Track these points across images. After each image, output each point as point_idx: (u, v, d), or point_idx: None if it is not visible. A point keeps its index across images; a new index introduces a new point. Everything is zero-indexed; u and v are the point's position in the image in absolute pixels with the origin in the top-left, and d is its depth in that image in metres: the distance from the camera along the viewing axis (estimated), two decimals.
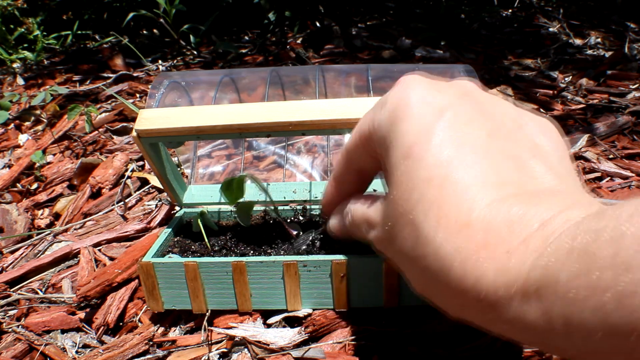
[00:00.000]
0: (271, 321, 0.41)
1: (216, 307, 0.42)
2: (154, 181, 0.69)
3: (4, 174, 0.77)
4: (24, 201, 0.71)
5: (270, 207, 0.50)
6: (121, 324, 0.45)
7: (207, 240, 0.45)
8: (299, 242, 0.44)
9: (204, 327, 0.41)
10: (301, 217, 0.49)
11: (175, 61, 1.29)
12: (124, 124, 0.89)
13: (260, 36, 1.44)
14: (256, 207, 0.51)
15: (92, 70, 1.26)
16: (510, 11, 1.67)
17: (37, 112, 1.00)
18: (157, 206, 0.63)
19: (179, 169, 0.62)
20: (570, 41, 1.36)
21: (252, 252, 0.44)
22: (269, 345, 0.38)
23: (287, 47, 1.32)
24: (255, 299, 0.41)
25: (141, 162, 0.76)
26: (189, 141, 0.55)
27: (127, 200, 0.66)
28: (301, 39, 1.38)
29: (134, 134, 0.40)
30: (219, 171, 0.69)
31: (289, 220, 0.49)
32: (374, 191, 0.47)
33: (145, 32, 1.53)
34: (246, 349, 0.39)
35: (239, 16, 1.46)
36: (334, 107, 0.38)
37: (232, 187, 0.43)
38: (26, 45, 1.40)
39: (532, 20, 1.57)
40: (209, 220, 0.48)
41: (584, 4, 1.68)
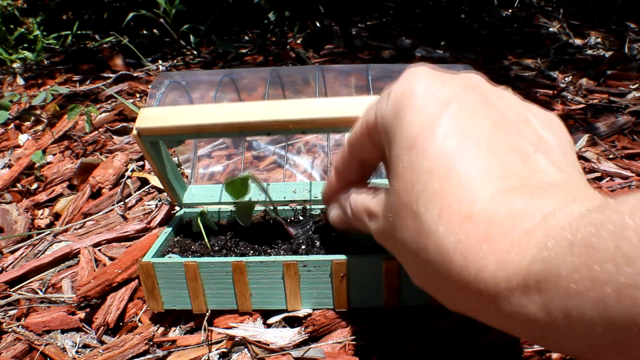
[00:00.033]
0: (271, 321, 0.41)
1: (216, 307, 0.42)
2: (154, 181, 0.69)
3: (4, 174, 0.77)
4: (24, 201, 0.71)
5: (270, 207, 0.50)
6: (121, 324, 0.45)
7: (207, 240, 0.45)
8: (299, 231, 0.44)
9: (204, 327, 0.41)
10: (301, 217, 0.49)
11: (175, 61, 1.29)
12: (124, 124, 0.89)
13: (260, 36, 1.44)
14: (256, 207, 0.51)
15: (92, 70, 1.26)
16: (510, 11, 1.67)
17: (37, 112, 1.00)
18: (157, 206, 0.63)
19: (179, 169, 0.62)
20: (570, 41, 1.36)
21: (252, 252, 0.44)
22: (269, 345, 0.38)
23: (287, 47, 1.32)
24: (255, 299, 0.41)
25: (141, 162, 0.76)
26: (189, 140, 0.55)
27: (127, 200, 0.66)
28: (301, 39, 1.38)
29: (135, 132, 0.40)
30: (219, 171, 0.69)
31: (289, 220, 0.49)
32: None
33: (145, 32, 1.53)
34: (246, 349, 0.39)
35: (239, 16, 1.47)
36: (334, 105, 0.38)
37: (236, 184, 0.43)
38: (26, 45, 1.40)
39: (532, 20, 1.57)
40: (209, 220, 0.48)
41: (584, 4, 1.68)
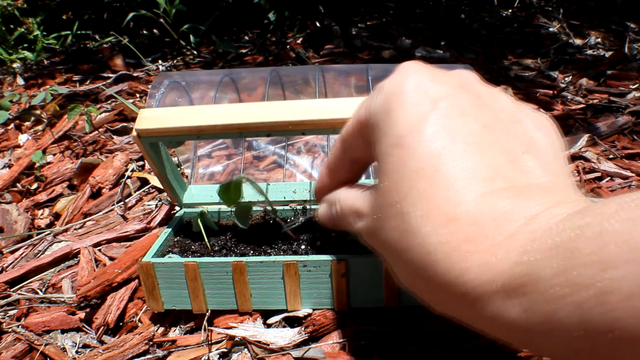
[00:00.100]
0: (271, 321, 0.41)
1: (216, 307, 0.42)
2: (154, 181, 0.69)
3: (4, 174, 0.77)
4: (24, 201, 0.71)
5: (269, 207, 0.50)
6: (121, 324, 0.45)
7: (207, 240, 0.45)
8: (288, 225, 0.45)
9: (204, 327, 0.41)
10: (301, 217, 0.49)
11: (175, 61, 1.29)
12: (124, 124, 0.89)
13: (260, 36, 1.44)
14: (256, 207, 0.51)
15: (92, 70, 1.26)
16: (510, 11, 1.67)
17: (37, 112, 1.00)
18: (157, 206, 0.63)
19: (179, 169, 0.62)
20: (570, 41, 1.36)
21: (252, 252, 0.44)
22: (269, 345, 0.38)
23: (287, 47, 1.32)
24: (255, 299, 0.41)
25: (141, 162, 0.76)
26: (189, 141, 0.55)
27: (127, 200, 0.66)
28: (301, 39, 1.38)
29: (134, 133, 0.40)
30: (219, 171, 0.69)
31: (289, 220, 0.49)
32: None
33: (145, 32, 1.53)
34: (246, 349, 0.39)
35: (239, 16, 1.47)
36: (334, 106, 0.38)
37: (229, 190, 0.43)
38: (26, 45, 1.40)
39: (532, 20, 1.57)
40: (209, 220, 0.48)
41: (584, 4, 1.68)
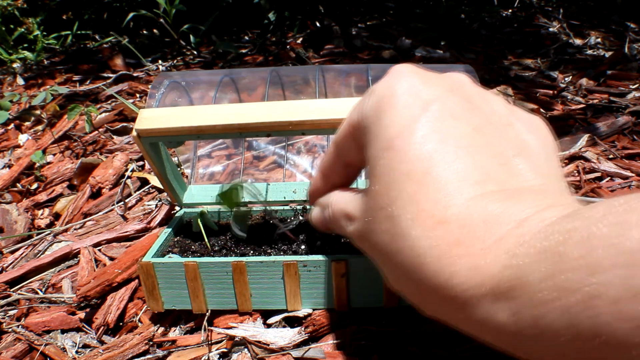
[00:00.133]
0: (271, 321, 0.41)
1: (216, 307, 0.42)
2: (154, 181, 0.69)
3: (4, 174, 0.77)
4: (24, 201, 0.71)
5: (268, 207, 0.50)
6: (121, 324, 0.45)
7: (207, 240, 0.45)
8: (285, 226, 0.45)
9: (204, 327, 0.41)
10: (301, 217, 0.49)
11: (175, 61, 1.29)
12: (124, 124, 0.89)
13: (260, 36, 1.44)
14: (256, 207, 0.51)
15: (92, 70, 1.26)
16: (510, 11, 1.67)
17: (37, 112, 1.00)
18: (157, 206, 0.63)
19: (179, 169, 0.62)
20: (570, 41, 1.36)
21: (252, 252, 0.44)
22: (269, 345, 0.38)
23: (287, 47, 1.32)
24: (255, 299, 0.41)
25: (141, 162, 0.76)
26: (189, 141, 0.55)
27: (127, 200, 0.66)
28: (301, 39, 1.38)
29: (134, 133, 0.40)
30: (219, 171, 0.69)
31: (289, 219, 0.49)
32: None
33: (145, 32, 1.53)
34: (246, 349, 0.39)
35: (239, 16, 1.47)
36: (334, 107, 0.38)
37: (228, 196, 0.44)
38: (26, 45, 1.40)
39: (532, 20, 1.57)
40: (209, 220, 0.48)
41: (584, 4, 1.68)
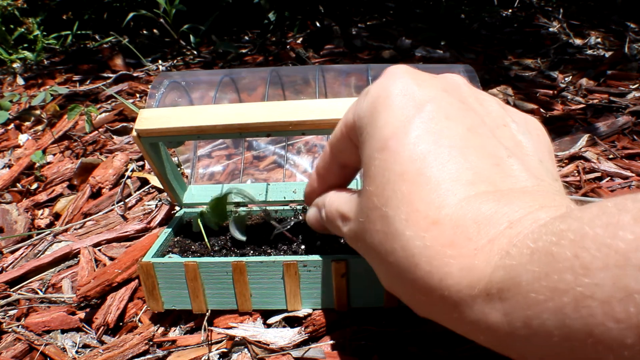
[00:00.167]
0: (271, 321, 0.41)
1: (216, 307, 0.42)
2: (154, 181, 0.69)
3: (4, 174, 0.77)
4: (24, 201, 0.71)
5: (268, 207, 0.50)
6: (121, 324, 0.45)
7: (207, 240, 0.45)
8: (283, 226, 0.45)
9: (204, 327, 0.41)
10: (300, 217, 0.49)
11: (175, 61, 1.29)
12: (124, 124, 0.89)
13: (260, 36, 1.44)
14: (256, 207, 0.51)
15: (92, 70, 1.26)
16: (510, 11, 1.67)
17: (37, 112, 1.00)
18: (157, 206, 0.63)
19: (179, 169, 0.62)
20: (570, 41, 1.36)
21: (252, 252, 0.44)
22: (269, 345, 0.38)
23: (287, 47, 1.32)
24: (255, 299, 0.41)
25: (141, 162, 0.76)
26: (189, 141, 0.55)
27: (127, 200, 0.66)
28: (301, 39, 1.38)
29: (134, 133, 0.40)
30: (219, 171, 0.69)
31: (288, 220, 0.49)
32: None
33: (145, 32, 1.53)
34: (246, 349, 0.39)
35: (239, 16, 1.47)
36: (334, 107, 0.38)
37: (220, 205, 0.44)
38: (26, 45, 1.40)
39: (532, 20, 1.57)
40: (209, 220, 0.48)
41: (584, 4, 1.68)
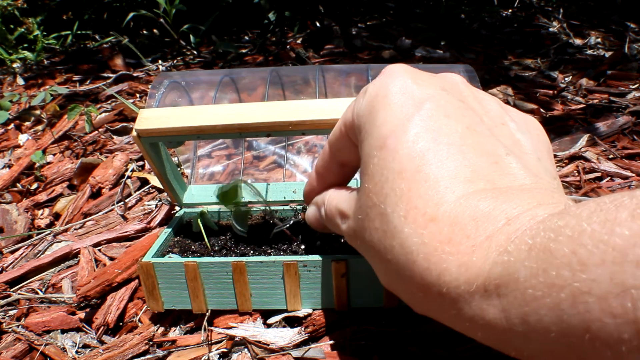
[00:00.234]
0: (271, 321, 0.41)
1: (216, 307, 0.42)
2: (154, 181, 0.69)
3: (4, 174, 0.77)
4: (24, 201, 0.71)
5: (268, 207, 0.50)
6: (121, 324, 0.45)
7: (207, 240, 0.45)
8: (280, 226, 0.45)
9: (204, 327, 0.41)
10: (300, 217, 0.49)
11: (175, 61, 1.29)
12: (124, 124, 0.89)
13: (260, 36, 1.44)
14: (255, 207, 0.51)
15: (92, 70, 1.26)
16: (510, 11, 1.67)
17: (37, 112, 1.00)
18: (157, 206, 0.63)
19: (179, 169, 0.62)
20: (570, 41, 1.36)
21: (252, 252, 0.44)
22: (269, 345, 0.38)
23: (287, 47, 1.32)
24: (255, 299, 0.41)
25: (141, 162, 0.76)
26: (189, 141, 0.55)
27: (127, 200, 0.66)
28: (301, 39, 1.38)
29: (134, 133, 0.40)
30: (219, 171, 0.69)
31: (289, 219, 0.49)
32: None
33: (145, 32, 1.53)
34: (246, 349, 0.39)
35: (239, 16, 1.47)
36: (334, 107, 0.38)
37: (227, 194, 0.44)
38: (26, 45, 1.40)
39: (532, 20, 1.57)
40: (209, 220, 0.48)
41: (584, 4, 1.68)
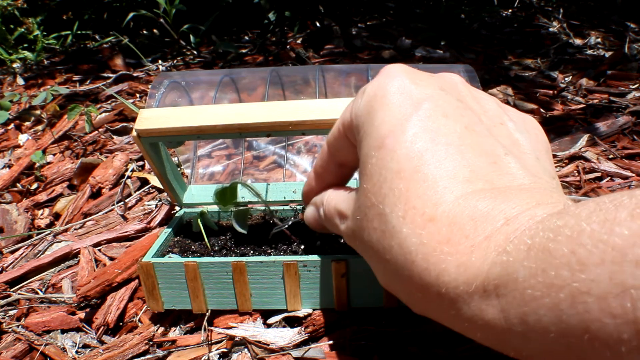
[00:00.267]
0: (271, 321, 0.41)
1: (216, 307, 0.42)
2: (154, 181, 0.69)
3: (4, 174, 0.77)
4: (24, 201, 0.71)
5: (268, 207, 0.50)
6: (121, 324, 0.45)
7: (207, 240, 0.45)
8: (277, 227, 0.45)
9: (204, 327, 0.41)
10: (300, 217, 0.49)
11: (175, 61, 1.29)
12: (124, 124, 0.89)
13: (260, 36, 1.44)
14: (255, 207, 0.51)
15: (92, 70, 1.26)
16: (510, 11, 1.67)
17: (37, 112, 1.00)
18: (157, 206, 0.63)
19: (179, 169, 0.62)
20: (570, 41, 1.36)
21: (252, 252, 0.44)
22: (269, 345, 0.38)
23: (287, 47, 1.32)
24: (255, 299, 0.41)
25: (141, 162, 0.76)
26: (189, 141, 0.55)
27: (127, 200, 0.66)
28: (301, 39, 1.38)
29: (134, 133, 0.40)
30: (219, 171, 0.69)
31: (289, 219, 0.49)
32: None
33: (145, 32, 1.53)
34: (246, 349, 0.39)
35: (239, 16, 1.47)
36: (334, 107, 0.38)
37: (225, 195, 0.44)
38: (26, 45, 1.40)
39: (532, 20, 1.57)
40: (209, 220, 0.48)
41: (584, 4, 1.68)
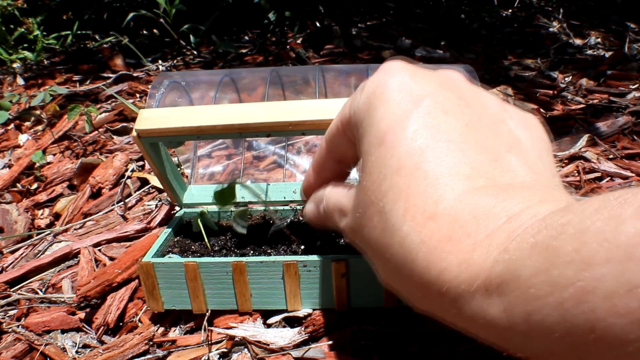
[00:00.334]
0: (271, 321, 0.41)
1: (216, 307, 0.42)
2: (154, 181, 0.69)
3: (4, 174, 0.77)
4: (24, 201, 0.71)
5: (269, 207, 0.50)
6: (121, 324, 0.45)
7: (207, 240, 0.45)
8: (275, 226, 0.45)
9: (204, 327, 0.41)
10: (301, 217, 0.49)
11: (175, 61, 1.29)
12: (124, 124, 0.89)
13: (260, 36, 1.44)
14: (255, 207, 0.51)
15: (92, 70, 1.26)
16: (510, 11, 1.67)
17: (37, 112, 1.00)
18: (157, 206, 0.63)
19: (179, 169, 0.62)
20: (570, 41, 1.36)
21: (252, 252, 0.44)
22: (269, 345, 0.38)
23: (287, 47, 1.32)
24: (255, 299, 0.41)
25: (141, 162, 0.76)
26: (189, 141, 0.55)
27: (127, 200, 0.66)
28: (301, 39, 1.38)
29: (134, 133, 0.40)
30: (219, 171, 0.69)
31: (289, 219, 0.49)
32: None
33: (145, 32, 1.53)
34: (246, 349, 0.39)
35: (239, 16, 1.47)
36: (334, 107, 0.38)
37: (224, 194, 0.44)
38: (26, 45, 1.40)
39: (532, 20, 1.57)
40: (209, 220, 0.48)
41: (584, 4, 1.68)
